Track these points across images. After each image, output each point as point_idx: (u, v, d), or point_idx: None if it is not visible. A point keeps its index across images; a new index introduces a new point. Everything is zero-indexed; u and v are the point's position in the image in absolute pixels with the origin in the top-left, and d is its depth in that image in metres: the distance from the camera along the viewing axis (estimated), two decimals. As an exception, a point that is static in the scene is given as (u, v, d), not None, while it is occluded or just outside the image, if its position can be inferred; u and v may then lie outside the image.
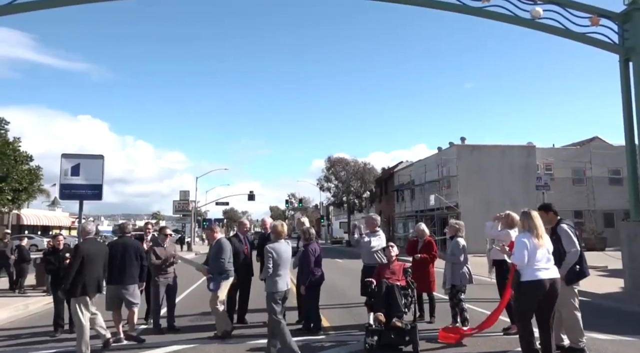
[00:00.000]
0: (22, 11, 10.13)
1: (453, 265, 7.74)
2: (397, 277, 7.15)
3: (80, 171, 16.89)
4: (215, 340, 7.22)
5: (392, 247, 7.62)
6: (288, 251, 6.48)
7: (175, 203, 50.37)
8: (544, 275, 5.28)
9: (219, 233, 7.83)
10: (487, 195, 30.38)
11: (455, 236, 7.98)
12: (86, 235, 6.97)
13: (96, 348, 6.62)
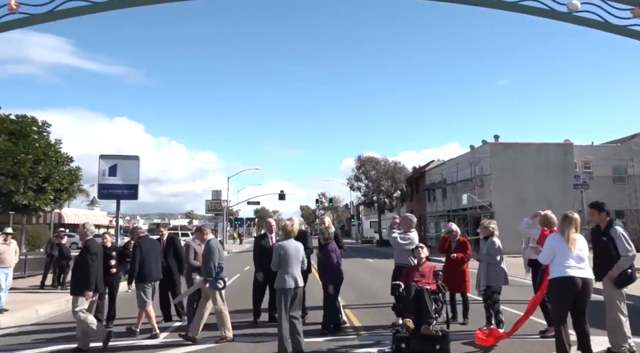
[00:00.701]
0: (62, 18, 10.47)
1: (488, 265, 7.54)
2: (426, 280, 6.79)
3: (117, 172, 17.45)
4: (247, 338, 7.32)
5: (422, 249, 7.28)
6: (297, 249, 6.56)
7: (208, 203, 51.22)
8: (575, 273, 5.16)
9: (209, 235, 7.70)
10: (522, 194, 29.62)
11: (489, 236, 7.80)
12: (88, 236, 7.10)
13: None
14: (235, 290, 12.93)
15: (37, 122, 19.41)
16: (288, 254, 6.43)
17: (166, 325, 8.55)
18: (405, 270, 7.18)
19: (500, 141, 33.29)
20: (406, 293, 6.55)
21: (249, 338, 7.36)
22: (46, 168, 18.09)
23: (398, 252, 8.07)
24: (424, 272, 6.92)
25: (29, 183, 17.34)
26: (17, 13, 10.08)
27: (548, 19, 11.85)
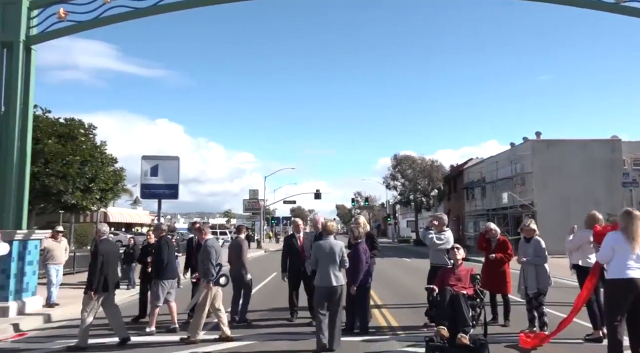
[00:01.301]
0: (107, 24, 10.92)
1: (537, 267, 7.28)
2: (463, 285, 6.21)
3: (159, 172, 18.02)
4: (284, 336, 7.41)
5: (458, 250, 6.65)
6: (335, 248, 6.59)
7: (245, 202, 52.04)
8: (636, 274, 4.87)
9: (207, 235, 7.60)
10: (566, 192, 28.60)
11: (531, 237, 7.56)
12: (101, 236, 7.24)
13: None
14: (271, 289, 13.10)
15: (84, 125, 20.23)
16: (325, 253, 6.54)
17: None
18: (440, 273, 6.64)
19: (542, 138, 32.25)
20: (441, 298, 6.00)
21: (287, 336, 7.44)
22: (92, 169, 18.82)
23: (433, 252, 7.99)
24: (460, 276, 6.32)
25: (76, 184, 18.09)
26: (66, 21, 10.60)
27: (592, 10, 11.41)
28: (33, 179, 13.79)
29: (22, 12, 10.07)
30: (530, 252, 7.39)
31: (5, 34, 9.95)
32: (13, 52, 9.96)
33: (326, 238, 6.77)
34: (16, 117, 9.83)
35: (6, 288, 9.07)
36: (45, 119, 18.99)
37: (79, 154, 18.34)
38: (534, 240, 7.48)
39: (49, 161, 17.32)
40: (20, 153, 9.91)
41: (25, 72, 10.18)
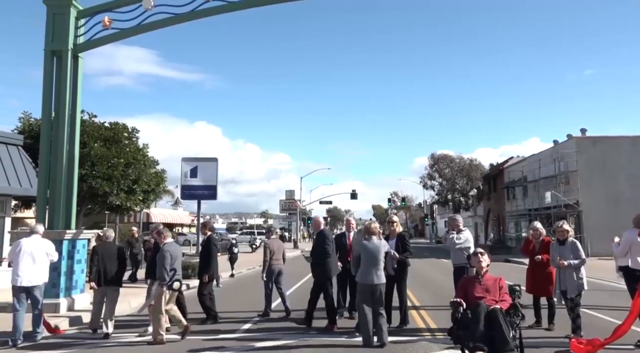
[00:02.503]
0: (148, 30, 11.29)
1: (575, 270, 7.03)
2: (493, 297, 5.21)
3: (198, 173, 18.42)
4: (326, 333, 7.47)
5: (482, 255, 5.77)
6: (377, 248, 6.85)
7: (282, 203, 52.48)
8: None
9: (167, 239, 7.58)
10: (614, 191, 27.40)
11: (566, 239, 7.26)
12: (106, 240, 8.27)
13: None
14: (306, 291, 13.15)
15: (127, 129, 20.95)
16: (368, 252, 6.77)
17: (247, 318, 8.96)
18: (462, 283, 5.75)
19: (587, 135, 30.98)
20: (473, 315, 5.00)
21: (330, 333, 7.54)
22: (136, 171, 19.45)
23: (453, 253, 8.14)
24: (487, 286, 5.38)
25: (121, 185, 18.75)
26: (110, 29, 11.03)
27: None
28: (80, 181, 14.39)
29: (70, 22, 10.57)
30: (569, 255, 7.10)
31: (55, 43, 10.45)
32: (62, 61, 10.46)
33: (370, 239, 6.97)
34: (65, 123, 10.31)
35: (57, 286, 9.51)
36: (91, 124, 19.78)
37: (123, 156, 18.99)
38: (569, 242, 7.22)
39: (95, 164, 18.03)
40: (69, 156, 10.39)
41: (73, 79, 10.66)
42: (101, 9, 11.04)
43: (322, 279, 8.08)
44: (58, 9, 10.56)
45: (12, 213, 15.29)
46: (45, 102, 10.34)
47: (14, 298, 7.27)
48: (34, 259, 7.34)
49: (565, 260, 7.04)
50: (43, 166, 10.25)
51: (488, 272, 5.53)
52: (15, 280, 7.20)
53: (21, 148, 14.10)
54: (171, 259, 7.25)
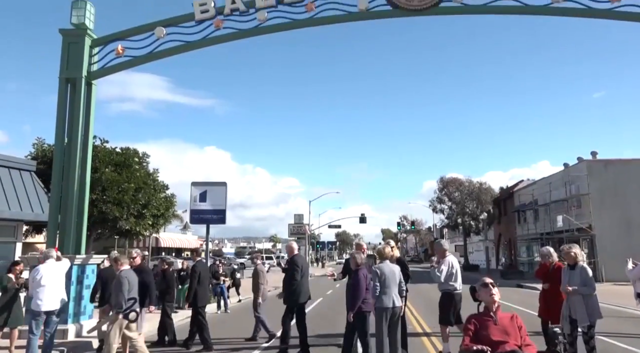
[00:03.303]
0: (160, 58, 11.55)
1: (585, 297, 6.54)
2: (515, 341, 4.10)
3: (207, 197, 18.46)
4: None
5: (493, 287, 4.40)
6: (393, 271, 6.85)
7: (291, 227, 52.28)
8: None
9: (123, 266, 7.29)
10: (627, 215, 26.99)
11: (576, 263, 6.83)
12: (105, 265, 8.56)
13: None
14: (316, 316, 12.99)
15: (138, 154, 21.24)
16: (385, 276, 6.75)
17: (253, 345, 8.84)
18: (472, 324, 4.34)
19: (598, 158, 30.74)
20: None
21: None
22: (145, 195, 19.62)
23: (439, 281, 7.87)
24: (504, 326, 4.19)
25: (131, 210, 18.88)
26: (123, 56, 11.30)
27: None
28: (91, 206, 14.51)
29: (85, 51, 10.85)
30: (577, 281, 6.61)
31: (69, 71, 10.72)
32: (76, 88, 10.69)
33: (384, 262, 7.00)
34: (77, 148, 10.47)
35: (66, 311, 9.42)
36: (103, 149, 20.08)
37: (133, 181, 19.20)
38: (579, 266, 6.75)
39: (105, 189, 18.22)
40: (81, 182, 10.51)
41: (86, 106, 10.88)
42: (115, 38, 11.34)
43: (292, 304, 8.11)
44: (73, 38, 10.87)
45: (23, 238, 15.39)
46: (58, 128, 10.53)
47: (32, 323, 7.38)
48: (54, 284, 7.56)
49: (572, 287, 6.60)
50: (55, 191, 10.37)
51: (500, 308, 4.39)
52: (37, 306, 7.35)
53: (34, 173, 14.29)
54: (129, 286, 7.03)
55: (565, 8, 10.72)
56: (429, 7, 10.79)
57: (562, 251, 7.18)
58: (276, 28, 11.29)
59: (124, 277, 7.08)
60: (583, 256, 7.01)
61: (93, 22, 11.13)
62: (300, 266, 8.33)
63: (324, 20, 11.22)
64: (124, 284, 6.98)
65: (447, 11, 11.13)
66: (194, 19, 11.15)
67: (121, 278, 7.04)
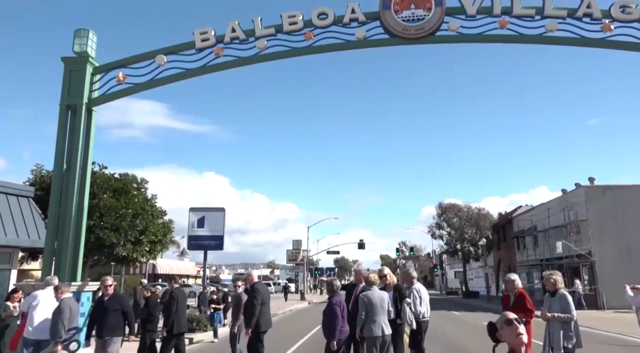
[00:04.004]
0: (161, 85, 11.69)
1: (564, 325, 6.38)
2: None
3: (205, 223, 18.40)
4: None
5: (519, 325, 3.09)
6: (382, 298, 6.73)
7: (289, 253, 51.95)
8: None
9: (64, 294, 7.08)
10: (626, 241, 26.89)
11: (557, 290, 6.68)
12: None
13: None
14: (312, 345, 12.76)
15: (136, 180, 21.23)
16: (373, 304, 6.61)
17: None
18: None
19: (596, 184, 30.84)
20: None
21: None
22: (143, 221, 19.50)
23: None
24: None
25: (128, 236, 18.74)
26: (124, 83, 11.44)
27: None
28: (88, 232, 14.41)
29: (86, 78, 10.98)
30: (557, 308, 6.51)
31: (70, 98, 10.82)
32: (76, 114, 10.77)
33: (371, 289, 6.86)
34: (76, 175, 10.47)
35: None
36: (101, 175, 20.08)
37: (131, 207, 19.11)
38: (559, 294, 6.62)
39: (103, 215, 18.12)
40: (78, 208, 10.46)
41: (86, 132, 10.93)
42: (116, 65, 11.50)
43: (254, 333, 7.99)
44: (75, 65, 11.02)
45: (18, 265, 15.23)
46: (57, 154, 10.55)
47: (23, 351, 7.23)
48: (49, 313, 7.31)
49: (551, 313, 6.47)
50: (52, 217, 10.31)
51: None
52: (28, 332, 7.19)
53: (31, 200, 14.25)
54: (70, 315, 6.80)
55: (559, 37, 10.95)
56: (425, 36, 11.03)
57: (543, 278, 7.07)
58: (275, 56, 11.48)
59: (65, 305, 6.84)
60: (563, 283, 6.82)
61: (95, 50, 11.31)
62: (261, 294, 8.19)
63: (322, 49, 11.43)
64: (65, 312, 6.72)
65: (443, 40, 11.37)
66: (194, 47, 11.34)
67: (62, 306, 6.79)
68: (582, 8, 10.70)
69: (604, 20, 10.69)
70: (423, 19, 10.96)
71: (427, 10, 10.98)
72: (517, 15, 10.88)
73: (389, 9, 11.03)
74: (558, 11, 10.80)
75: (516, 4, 10.84)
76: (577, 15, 10.73)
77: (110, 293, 7.80)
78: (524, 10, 10.87)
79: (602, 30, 10.73)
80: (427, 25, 10.95)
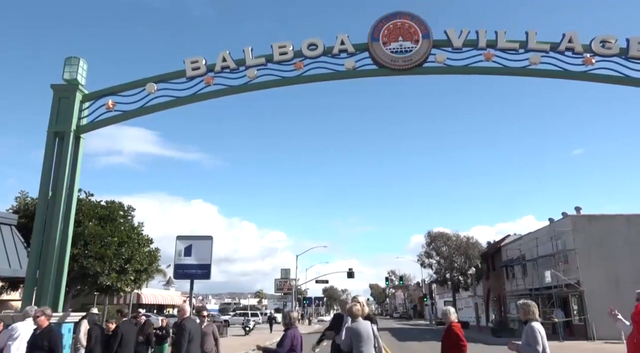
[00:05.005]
0: (150, 112, 11.71)
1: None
2: None
3: (192, 252, 18.10)
4: None
5: None
6: (367, 329, 6.63)
7: (277, 282, 51.25)
8: None
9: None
10: (614, 271, 26.97)
11: (528, 320, 6.35)
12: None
13: None
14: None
15: (123, 207, 20.98)
16: (362, 336, 6.51)
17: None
18: None
19: (582, 213, 31.13)
20: None
21: None
22: (129, 250, 19.19)
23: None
24: None
25: (113, 265, 18.38)
26: (114, 110, 11.44)
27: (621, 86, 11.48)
28: (72, 261, 14.12)
29: (75, 105, 10.96)
30: (524, 339, 6.18)
31: (59, 125, 10.76)
32: (64, 141, 10.69)
33: (357, 321, 6.75)
34: (62, 202, 10.30)
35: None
36: (87, 202, 19.82)
37: (117, 235, 18.82)
38: (528, 324, 6.27)
39: (88, 243, 17.81)
40: (62, 236, 10.25)
41: (73, 159, 10.84)
42: (106, 93, 11.52)
43: None
44: (64, 93, 11.01)
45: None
46: (43, 181, 10.41)
47: None
48: None
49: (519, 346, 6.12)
50: (35, 246, 10.08)
51: None
52: None
53: (14, 227, 13.97)
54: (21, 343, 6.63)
55: (543, 70, 11.27)
56: (413, 67, 11.27)
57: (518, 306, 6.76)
58: (265, 85, 11.62)
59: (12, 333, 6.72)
60: (535, 313, 6.38)
61: (85, 77, 11.34)
62: (188, 330, 7.95)
63: (312, 78, 11.60)
64: None
65: (430, 71, 11.63)
66: (185, 76, 11.44)
67: None
68: (564, 42, 11.07)
69: (585, 54, 11.04)
70: (411, 50, 11.23)
71: (414, 42, 11.26)
72: (501, 49, 11.21)
73: (377, 41, 11.29)
74: (541, 45, 11.15)
75: (501, 38, 11.18)
76: (560, 49, 11.08)
77: (43, 327, 6.91)
78: (508, 44, 11.20)
79: (584, 64, 11.07)
80: (415, 57, 11.22)
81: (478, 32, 11.19)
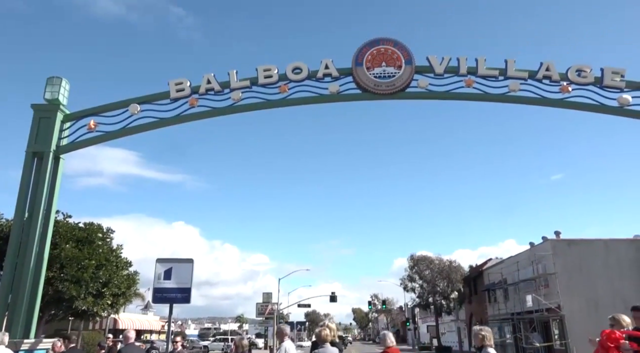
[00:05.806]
0: (132, 133, 11.61)
1: None
2: None
3: (172, 275, 17.72)
4: None
5: None
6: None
7: (259, 306, 50.31)
8: None
9: None
10: (594, 295, 27.24)
11: (483, 347, 6.21)
12: None
13: None
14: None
15: (102, 229, 20.54)
16: None
17: None
18: None
19: (562, 237, 31.55)
20: None
21: None
22: (107, 273, 18.71)
23: None
24: None
25: (89, 289, 17.87)
26: (95, 131, 11.31)
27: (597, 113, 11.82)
28: (46, 285, 13.68)
29: (56, 125, 10.81)
30: None
31: (38, 144, 10.58)
32: (43, 161, 10.49)
33: (324, 346, 6.61)
34: (38, 224, 10.04)
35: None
36: (65, 224, 19.36)
37: (95, 258, 18.37)
38: (483, 350, 6.09)
39: (64, 266, 17.32)
40: (37, 259, 9.96)
41: (52, 180, 10.62)
42: (88, 113, 11.41)
43: None
44: (45, 113, 10.86)
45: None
46: (19, 202, 10.16)
47: None
48: None
49: None
50: (8, 269, 9.75)
51: None
52: None
53: (-13, 249, 13.53)
54: None
55: (522, 97, 11.57)
56: (396, 92, 11.46)
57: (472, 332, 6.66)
58: (250, 107, 11.66)
59: None
60: (491, 340, 6.22)
61: (67, 97, 11.22)
62: None
63: (296, 101, 11.69)
64: None
65: (412, 96, 11.83)
66: (169, 97, 11.42)
67: None
68: (542, 71, 11.41)
69: (562, 82, 11.40)
70: (394, 76, 11.44)
71: (397, 68, 11.48)
72: (482, 76, 11.50)
73: (361, 66, 11.48)
74: (520, 73, 11.47)
75: (481, 65, 11.48)
76: (537, 77, 11.42)
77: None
78: (488, 71, 11.50)
79: (561, 92, 11.40)
80: (398, 82, 11.42)
81: (459, 59, 11.48)
